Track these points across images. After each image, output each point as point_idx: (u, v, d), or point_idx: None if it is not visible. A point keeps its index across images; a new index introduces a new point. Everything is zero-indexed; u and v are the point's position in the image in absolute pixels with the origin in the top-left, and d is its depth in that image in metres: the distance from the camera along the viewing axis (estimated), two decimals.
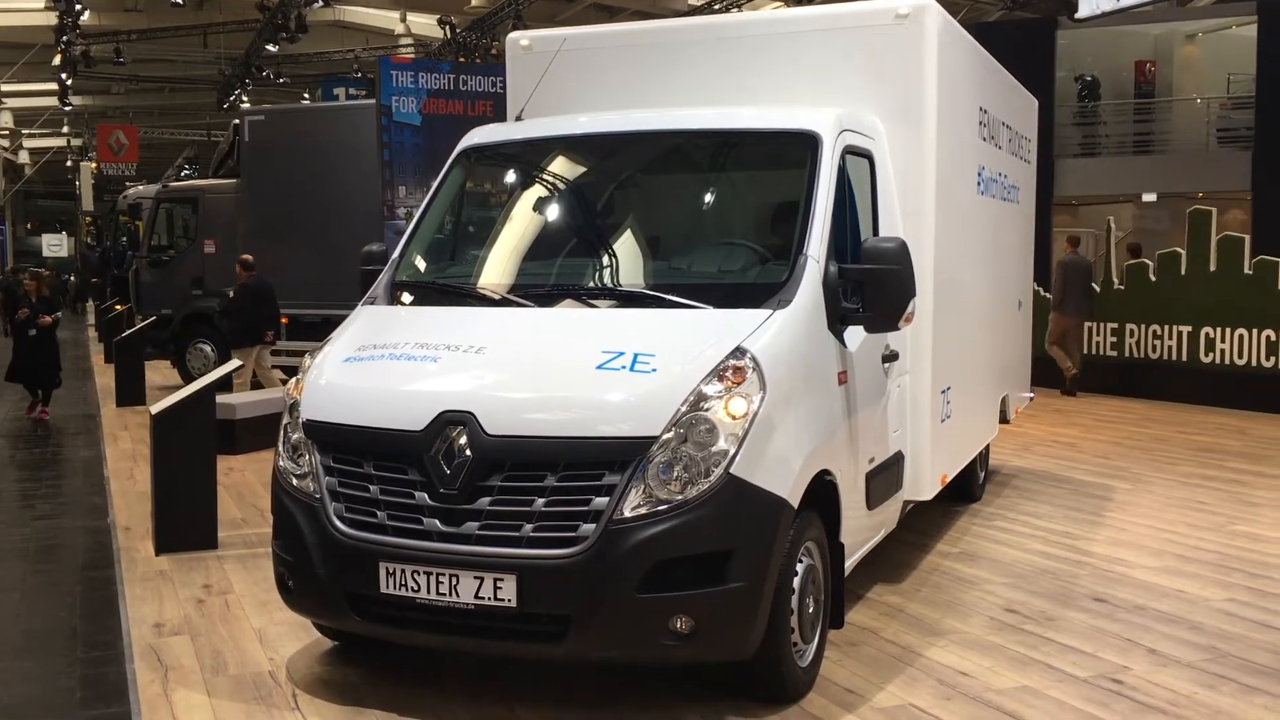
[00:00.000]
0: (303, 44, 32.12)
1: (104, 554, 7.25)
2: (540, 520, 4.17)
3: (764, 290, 4.78)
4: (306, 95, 33.58)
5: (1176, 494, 8.99)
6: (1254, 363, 14.16)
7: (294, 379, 4.98)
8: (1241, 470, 10.06)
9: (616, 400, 4.25)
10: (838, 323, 4.95)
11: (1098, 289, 16.40)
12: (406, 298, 5.34)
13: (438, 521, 4.29)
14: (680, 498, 4.12)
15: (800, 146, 5.21)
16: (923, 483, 6.20)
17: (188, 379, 14.35)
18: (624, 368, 4.33)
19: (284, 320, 15.50)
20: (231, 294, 13.44)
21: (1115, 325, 15.99)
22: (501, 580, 4.18)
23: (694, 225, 5.46)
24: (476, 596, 4.21)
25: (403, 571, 4.31)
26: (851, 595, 5.82)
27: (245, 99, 32.06)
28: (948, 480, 6.73)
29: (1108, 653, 5.22)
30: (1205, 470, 10.04)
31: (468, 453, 4.24)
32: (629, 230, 5.42)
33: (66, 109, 36.79)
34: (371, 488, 4.43)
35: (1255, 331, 14.16)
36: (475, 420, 4.26)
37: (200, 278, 16.70)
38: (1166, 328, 15.27)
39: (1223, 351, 14.56)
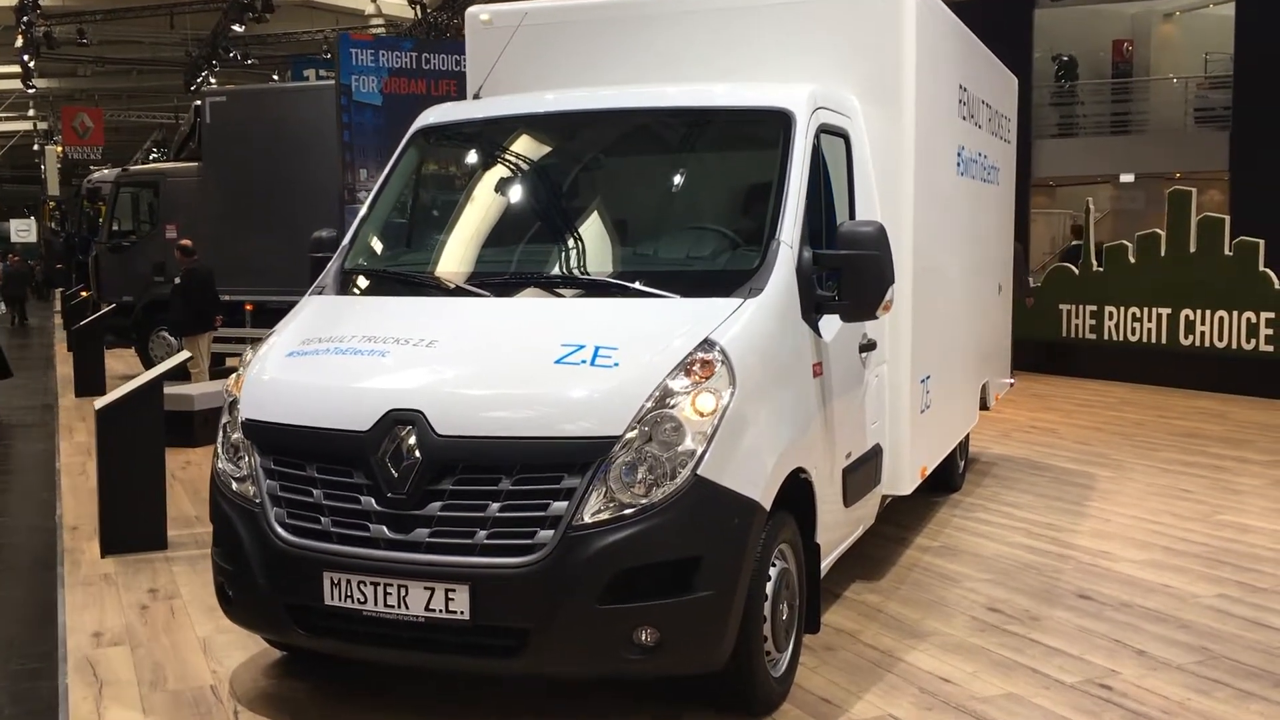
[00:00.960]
0: (271, 25, 31.56)
1: (48, 555, 6.93)
2: (494, 527, 3.89)
3: (734, 278, 4.51)
4: (276, 76, 33.02)
5: (1159, 481, 8.80)
6: (1234, 345, 14.00)
7: (234, 374, 4.67)
8: (1223, 456, 9.88)
9: (576, 397, 3.97)
10: (812, 311, 4.68)
11: (1076, 271, 16.23)
12: (356, 287, 5.04)
13: (385, 528, 4.00)
14: (644, 501, 3.85)
15: (772, 125, 4.93)
16: (902, 476, 5.95)
17: (150, 368, 13.98)
18: (584, 362, 4.04)
19: (248, 307, 15.19)
20: (176, 281, 13.09)
21: (1094, 308, 15.81)
22: (453, 591, 3.89)
23: (661, 209, 5.16)
24: (427, 608, 3.93)
25: (348, 582, 4.03)
26: (828, 595, 5.58)
27: (213, 81, 31.47)
28: (928, 473, 6.49)
29: (1095, 655, 4.99)
30: (1187, 456, 9.85)
31: (417, 454, 3.96)
32: (592, 215, 5.12)
33: (30, 91, 36.11)
34: (315, 492, 4.13)
35: (1235, 314, 14.00)
36: (424, 419, 3.97)
37: (162, 264, 16.25)
38: (1146, 310, 15.09)
39: (1202, 334, 14.39)
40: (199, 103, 16.12)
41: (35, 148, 50.50)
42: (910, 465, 6.02)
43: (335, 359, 4.35)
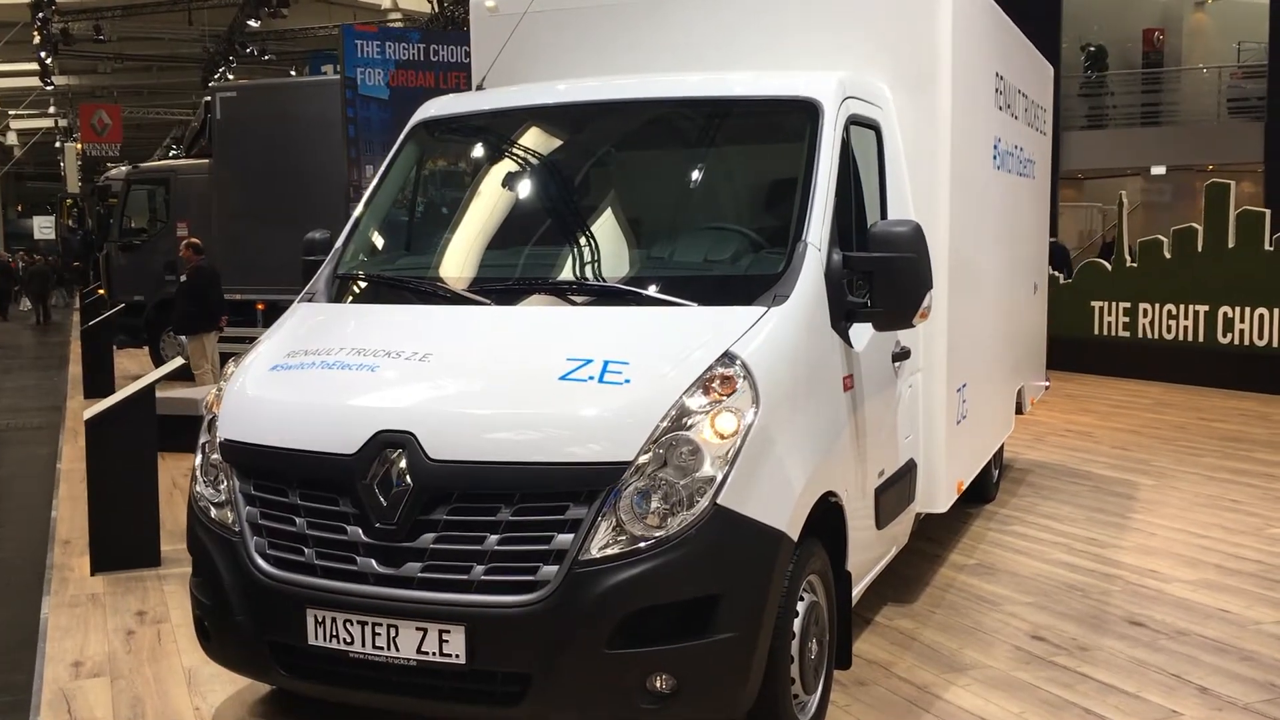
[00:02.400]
0: (289, 20, 31.32)
1: (37, 571, 6.60)
2: (493, 561, 3.51)
3: (757, 283, 4.12)
4: (293, 72, 32.77)
5: (1205, 491, 8.35)
6: (1275, 344, 13.50)
7: (213, 389, 4.31)
8: (1271, 463, 9.41)
9: (582, 417, 3.59)
10: (842, 320, 4.28)
11: (1109, 266, 15.75)
12: (348, 294, 4.67)
13: (374, 561, 3.64)
14: (658, 534, 3.47)
15: (799, 116, 4.53)
16: (937, 493, 5.55)
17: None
18: (592, 378, 3.66)
19: (260, 306, 14.88)
20: (183, 279, 12.80)
21: (1128, 305, 15.33)
22: (448, 632, 3.53)
23: (676, 208, 4.77)
24: (419, 651, 3.56)
25: (333, 620, 3.66)
26: (857, 620, 5.18)
27: (230, 77, 31.25)
28: (964, 487, 6.08)
29: (1153, 692, 4.58)
30: (1232, 463, 9.40)
31: (408, 480, 3.59)
32: (602, 215, 4.73)
33: (49, 88, 35.99)
34: (298, 520, 3.77)
35: (1276, 311, 13.49)
36: (416, 442, 3.60)
37: (174, 262, 15.98)
38: (1182, 307, 14.60)
39: (1241, 332, 13.89)
40: (209, 98, 15.79)
41: (56, 145, 50.46)
42: (946, 481, 5.62)
43: (321, 374, 3.99)
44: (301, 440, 3.80)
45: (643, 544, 3.46)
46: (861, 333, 4.48)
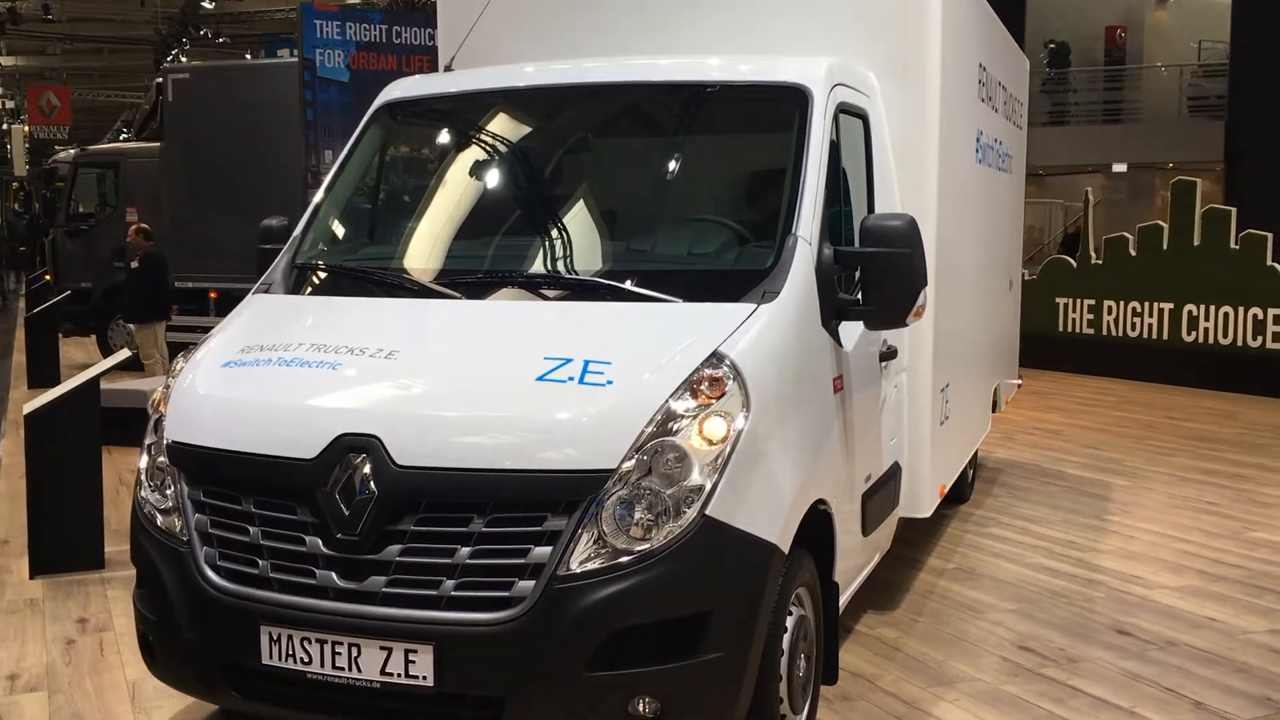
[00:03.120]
0: (244, 2, 30.72)
1: None
2: (464, 576, 3.26)
3: (744, 279, 3.88)
4: (249, 55, 32.11)
5: (1179, 492, 8.24)
6: (1239, 342, 13.49)
7: (160, 387, 4.02)
8: (1242, 463, 9.34)
9: (562, 421, 3.33)
10: (833, 318, 4.06)
11: (1073, 263, 15.70)
12: (307, 285, 4.38)
13: (334, 575, 3.36)
14: (643, 548, 3.23)
15: (787, 103, 4.30)
16: (921, 497, 5.36)
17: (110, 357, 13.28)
18: (571, 379, 3.41)
19: (213, 295, 14.48)
20: (133, 265, 12.39)
21: (1092, 302, 15.29)
22: (415, 652, 3.27)
23: (657, 198, 4.52)
24: (383, 672, 3.30)
25: (290, 638, 3.39)
26: (839, 629, 4.97)
27: (184, 59, 30.56)
28: (946, 490, 5.90)
29: (1148, 708, 4.41)
30: (1204, 463, 9.31)
31: (372, 487, 3.32)
32: (579, 204, 4.48)
33: None
34: (251, 530, 3.49)
35: (1241, 310, 13.48)
36: (381, 446, 3.34)
37: (122, 248, 15.46)
38: (1147, 305, 14.58)
39: (1206, 330, 13.87)
40: (160, 80, 15.32)
41: (2, 127, 49.28)
42: (930, 484, 5.42)
43: (277, 372, 3.70)
44: (256, 443, 3.52)
45: (626, 558, 3.22)
46: (850, 331, 4.26)
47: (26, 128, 39.14)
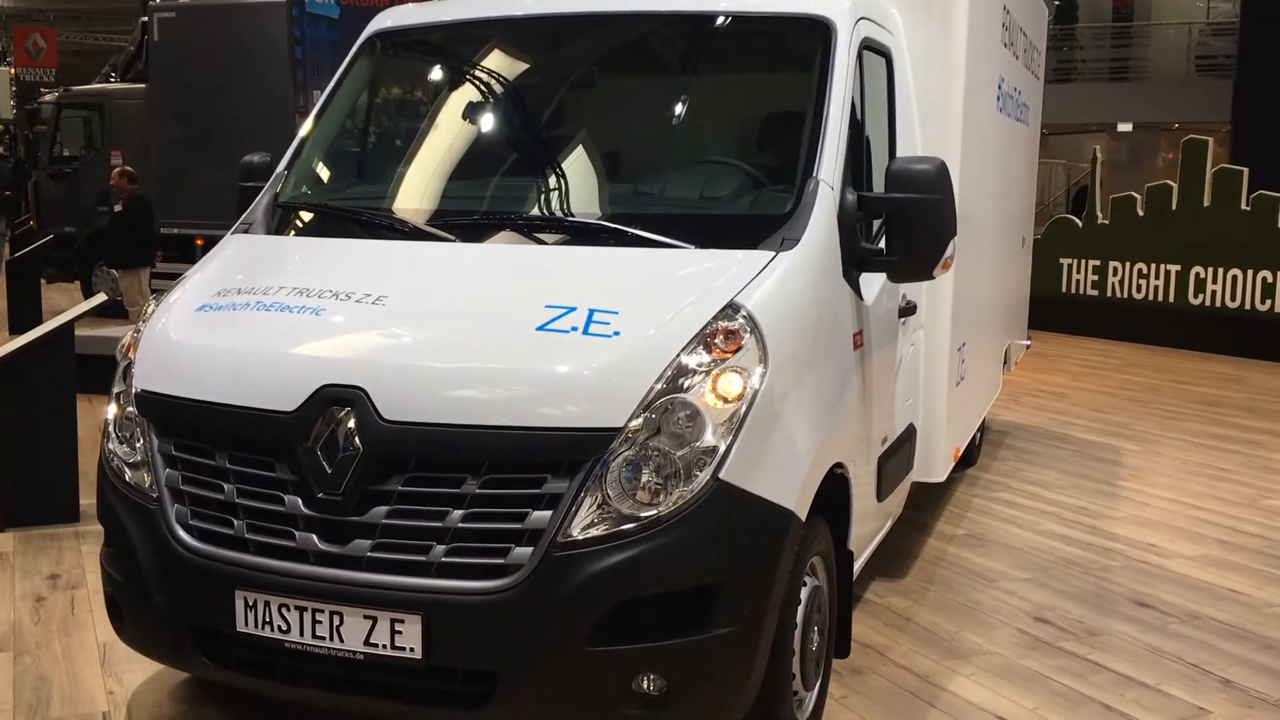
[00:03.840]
0: None
1: None
2: (456, 541, 3.00)
3: (762, 225, 3.60)
4: None
5: (1191, 458, 8.02)
6: (1248, 306, 13.25)
7: (130, 332, 3.74)
8: (1254, 429, 9.11)
9: (564, 375, 3.06)
10: (854, 268, 3.78)
11: (1078, 223, 15.42)
12: (290, 226, 4.09)
13: (315, 537, 3.11)
14: (650, 513, 2.97)
15: (809, 37, 4.00)
16: (936, 461, 5.12)
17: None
18: (575, 329, 3.14)
19: (199, 241, 14.13)
20: (117, 209, 12.05)
21: (1097, 263, 15.02)
22: (401, 622, 3.01)
23: (667, 137, 4.22)
24: (367, 643, 3.05)
25: (267, 605, 3.14)
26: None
27: None
28: (960, 454, 5.66)
29: (1175, 685, 4.19)
30: (1214, 428, 9.08)
31: (356, 444, 3.05)
32: (583, 143, 4.17)
33: None
34: (226, 487, 3.23)
35: (1250, 272, 13.23)
36: (367, 399, 3.07)
37: (106, 192, 15.11)
38: (1153, 266, 14.31)
39: (1213, 293, 13.62)
40: (146, 19, 14.87)
41: None
42: (945, 448, 5.18)
43: (256, 317, 3.42)
44: (231, 394, 3.25)
45: (631, 524, 2.96)
46: (870, 284, 3.99)
47: (12, 70, 38.48)
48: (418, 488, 3.03)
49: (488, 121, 4.34)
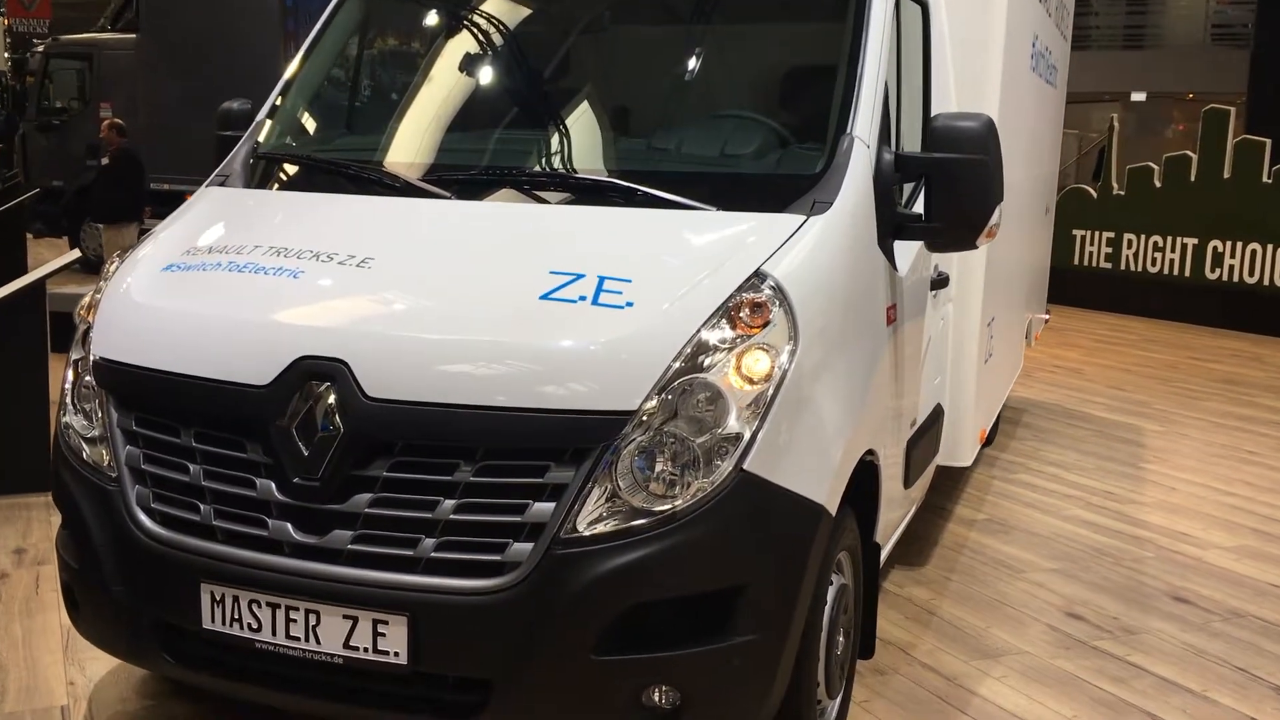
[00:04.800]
0: None
1: None
2: (448, 534, 2.67)
3: (790, 185, 3.25)
4: None
5: (1216, 440, 7.70)
6: (1266, 281, 12.91)
7: (90, 292, 3.39)
8: (1278, 410, 8.79)
9: (570, 350, 2.73)
10: (889, 235, 3.44)
11: (1093, 193, 15.04)
12: (270, 179, 3.74)
13: (290, 526, 2.78)
14: (665, 507, 2.64)
15: None
16: (963, 444, 4.81)
17: (85, 260, 12.57)
18: (583, 298, 2.80)
19: (189, 198, 13.73)
20: (104, 161, 11.68)
21: (1111, 235, 14.66)
22: (385, 623, 2.70)
23: (685, 89, 3.85)
24: (347, 645, 2.73)
25: (235, 600, 2.82)
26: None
27: None
28: (985, 436, 5.34)
29: (1223, 692, 3.88)
30: (1237, 408, 8.77)
31: (337, 423, 2.72)
32: (594, 94, 3.81)
33: None
34: (192, 469, 2.90)
35: (1270, 247, 12.87)
36: (349, 374, 2.73)
37: (96, 145, 14.71)
38: (1169, 239, 13.95)
39: (1231, 268, 13.28)
40: None
41: None
42: (972, 429, 4.86)
43: (228, 278, 3.08)
44: (199, 364, 2.91)
45: (644, 519, 2.63)
46: (904, 253, 3.64)
47: (5, 20, 37.83)
48: (405, 474, 2.70)
49: (489, 69, 3.97)
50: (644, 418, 2.66)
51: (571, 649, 2.63)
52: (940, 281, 4.22)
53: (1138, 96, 22.50)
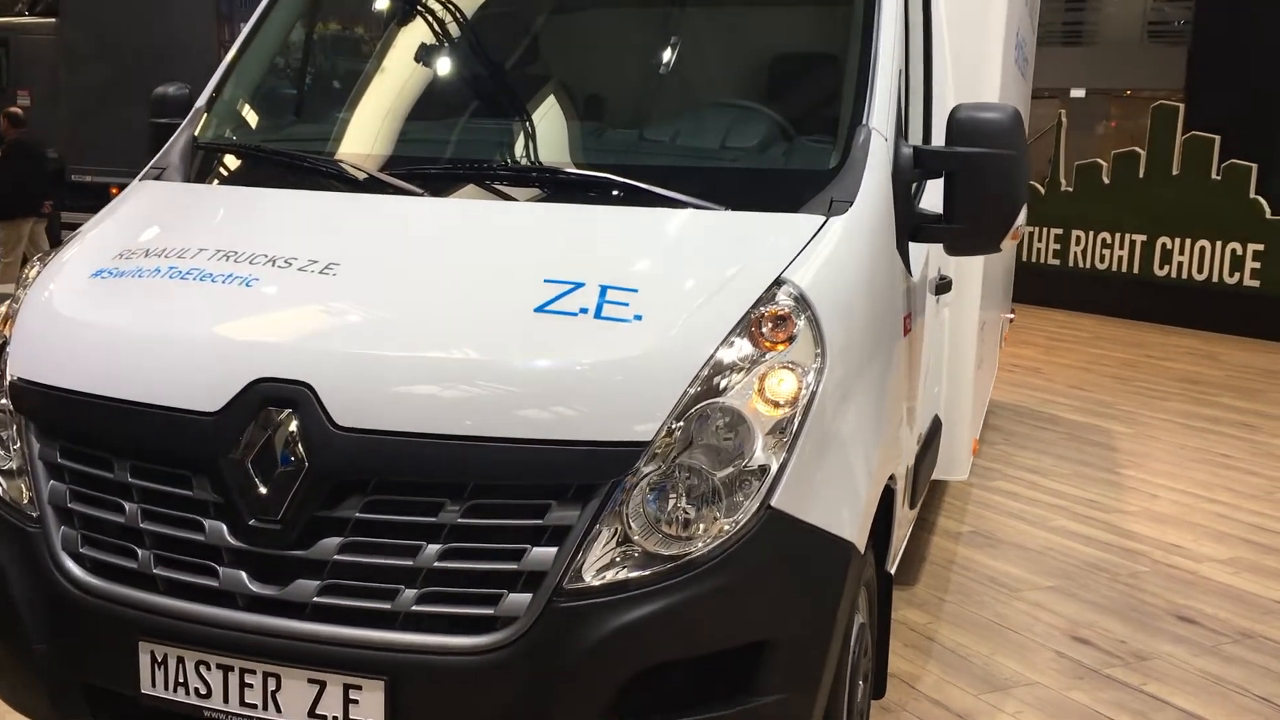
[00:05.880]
0: None
1: None
2: (431, 584, 2.31)
3: (802, 182, 2.93)
4: None
5: (1188, 443, 7.54)
6: (1215, 278, 12.89)
7: (7, 301, 2.96)
8: (1242, 410, 8.70)
9: (573, 371, 2.37)
10: (906, 237, 3.13)
11: (1041, 189, 14.96)
12: (213, 172, 3.33)
13: (244, 576, 2.39)
14: (684, 551, 2.30)
15: None
16: (959, 456, 4.55)
17: None
18: (584, 311, 2.44)
19: (114, 191, 13.11)
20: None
21: (1060, 231, 14.60)
22: (358, 688, 2.32)
23: (678, 75, 3.50)
24: (312, 714, 2.35)
25: (180, 661, 2.43)
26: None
27: None
28: (978, 448, 5.08)
29: None
30: (1201, 409, 8.65)
31: (300, 456, 2.34)
32: (578, 80, 3.45)
33: None
34: (128, 508, 2.50)
35: (1219, 244, 12.86)
36: (314, 399, 2.35)
37: None
38: (1118, 236, 13.90)
39: (1180, 264, 13.25)
40: None
41: None
42: (967, 440, 4.58)
43: (168, 287, 2.67)
44: (135, 387, 2.51)
45: (660, 566, 2.29)
46: (916, 256, 3.34)
47: None
48: (380, 515, 2.33)
49: (461, 48, 3.58)
50: (658, 449, 2.31)
51: (577, 717, 2.29)
52: (944, 286, 3.93)
53: (1077, 93, 22.57)
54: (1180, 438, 7.67)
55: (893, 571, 3.35)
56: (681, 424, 2.34)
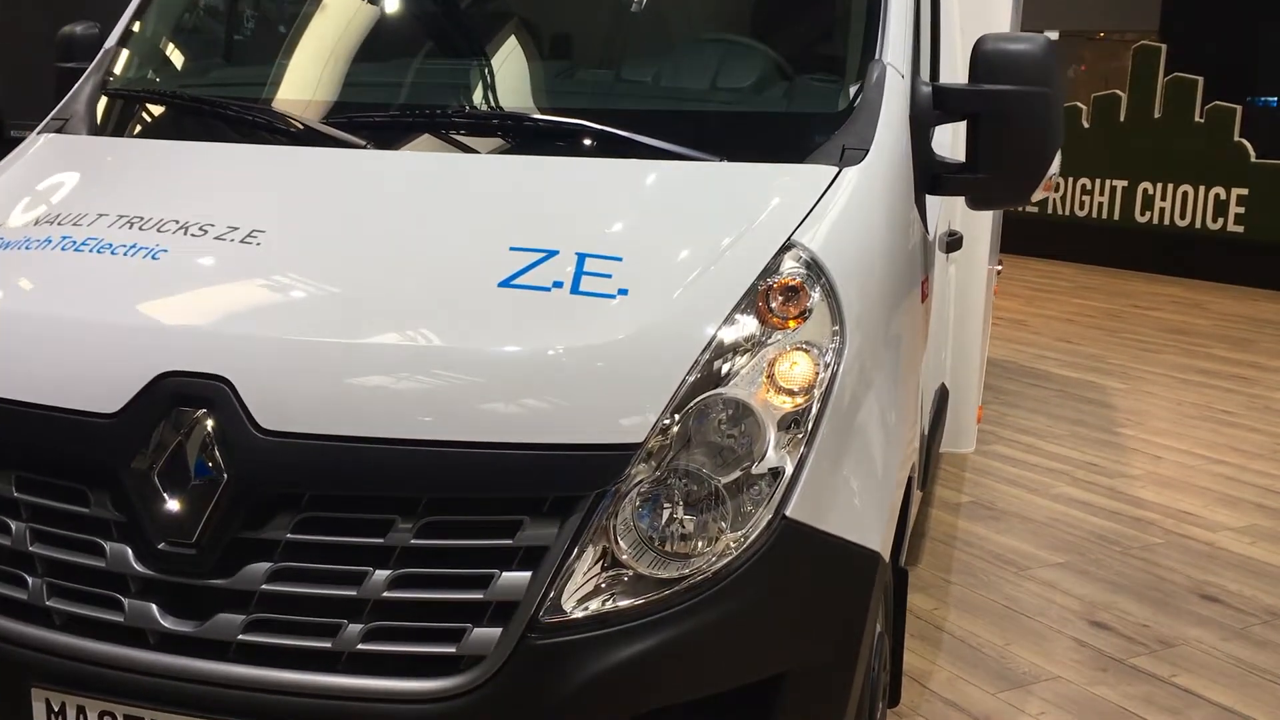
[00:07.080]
0: None
1: None
2: (380, 618, 1.92)
3: (809, 126, 2.53)
4: None
5: (1185, 398, 7.25)
6: (1198, 224, 12.60)
7: None
8: (1236, 362, 8.42)
9: (547, 359, 1.97)
10: (925, 188, 2.73)
11: None
12: (124, 123, 2.88)
13: (155, 610, 1.99)
14: (684, 573, 1.92)
15: None
16: (965, 426, 4.18)
17: None
18: (559, 284, 2.04)
19: None
20: None
21: None
22: None
23: (664, 4, 3.08)
24: None
25: (81, 711, 2.03)
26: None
27: None
28: (981, 415, 4.73)
29: None
30: (1194, 361, 8.36)
31: (219, 463, 1.93)
32: (547, 11, 3.02)
33: None
34: (15, 528, 2.09)
35: (1202, 189, 12.55)
36: (233, 396, 1.94)
37: None
38: (1098, 182, 13.57)
39: (1162, 210, 12.95)
40: None
41: None
42: (973, 409, 4.23)
43: (61, 261, 2.24)
44: (18, 384, 2.09)
45: (656, 592, 1.91)
46: (931, 211, 2.95)
47: None
48: (317, 535, 1.93)
49: None
50: (651, 452, 1.92)
51: None
52: (955, 244, 3.55)
53: (1052, 35, 22.15)
54: (1177, 392, 7.38)
55: (905, 565, 2.98)
56: (678, 420, 1.94)
